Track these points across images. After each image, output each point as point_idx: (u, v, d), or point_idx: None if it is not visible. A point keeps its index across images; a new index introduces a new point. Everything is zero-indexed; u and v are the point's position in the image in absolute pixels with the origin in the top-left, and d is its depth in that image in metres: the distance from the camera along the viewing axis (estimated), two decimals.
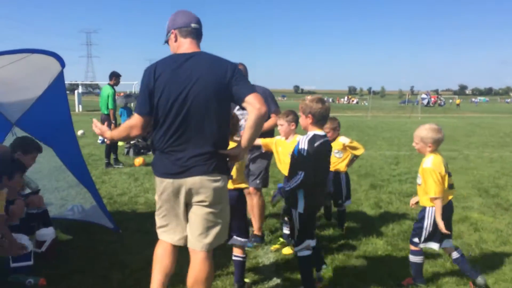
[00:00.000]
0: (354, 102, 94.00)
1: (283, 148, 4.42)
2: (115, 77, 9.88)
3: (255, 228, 5.00)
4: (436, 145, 3.77)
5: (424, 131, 3.78)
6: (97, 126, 3.06)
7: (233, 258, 3.74)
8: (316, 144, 3.44)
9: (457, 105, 67.80)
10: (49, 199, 5.73)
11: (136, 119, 2.91)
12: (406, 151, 13.28)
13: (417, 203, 4.07)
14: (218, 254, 3.78)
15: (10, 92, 4.95)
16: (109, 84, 9.96)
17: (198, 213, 2.90)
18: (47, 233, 4.48)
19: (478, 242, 5.08)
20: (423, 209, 3.85)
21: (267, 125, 4.40)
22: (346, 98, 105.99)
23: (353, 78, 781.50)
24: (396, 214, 6.26)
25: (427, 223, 3.80)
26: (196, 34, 2.96)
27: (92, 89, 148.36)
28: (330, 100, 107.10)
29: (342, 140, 5.27)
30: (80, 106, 38.96)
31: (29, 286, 3.82)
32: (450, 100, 78.63)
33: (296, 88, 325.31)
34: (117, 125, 9.62)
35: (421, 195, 3.87)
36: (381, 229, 5.54)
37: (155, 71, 2.84)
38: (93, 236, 5.18)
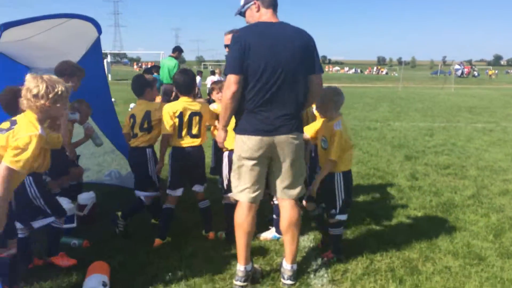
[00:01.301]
0: (384, 72, 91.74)
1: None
2: (178, 51, 10.93)
3: None
4: (337, 106, 3.72)
5: (323, 94, 3.66)
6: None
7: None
8: None
9: (490, 76, 65.44)
10: (86, 164, 5.83)
11: (231, 78, 3.04)
12: (441, 123, 12.93)
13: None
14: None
15: (49, 57, 4.97)
16: (171, 55, 10.90)
17: (284, 168, 3.24)
18: (89, 197, 4.58)
19: None
20: (331, 175, 3.69)
21: None
22: (375, 68, 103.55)
23: (382, 48, 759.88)
24: (433, 185, 6.11)
25: (339, 191, 3.69)
26: (275, 6, 3.25)
27: (120, 58, 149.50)
28: (359, 71, 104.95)
29: None
30: (109, 75, 39.46)
31: (73, 248, 3.94)
32: (486, 71, 75.51)
33: (324, 58, 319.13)
34: None
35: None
36: (418, 200, 5.43)
37: (246, 37, 3.06)
38: (131, 201, 5.26)
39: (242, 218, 3.29)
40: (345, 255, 3.81)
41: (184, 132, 3.97)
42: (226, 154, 4.09)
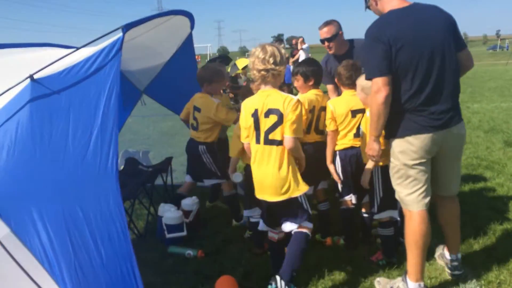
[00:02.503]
0: None
1: None
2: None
3: None
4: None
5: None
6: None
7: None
8: None
9: None
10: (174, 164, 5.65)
11: (379, 81, 2.69)
12: None
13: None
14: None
15: (140, 59, 4.81)
16: None
17: (455, 161, 3.02)
18: (193, 203, 4.37)
19: None
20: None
21: None
22: None
23: None
24: None
25: (377, 187, 3.41)
26: None
27: None
28: None
29: None
30: None
31: (188, 258, 3.74)
32: None
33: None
34: None
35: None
36: None
37: (385, 31, 2.72)
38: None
39: (424, 231, 2.88)
40: (490, 262, 3.38)
41: (312, 128, 3.67)
42: (337, 153, 3.73)
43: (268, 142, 2.89)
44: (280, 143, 2.87)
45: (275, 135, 2.86)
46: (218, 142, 4.42)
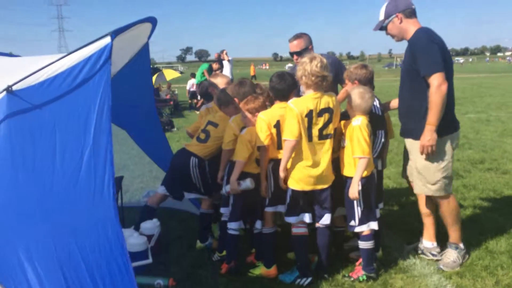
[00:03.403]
0: None
1: None
2: (217, 62, 13.26)
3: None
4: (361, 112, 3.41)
5: (354, 96, 3.39)
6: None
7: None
8: None
9: None
10: (126, 185, 5.22)
11: (441, 76, 3.20)
12: None
13: None
14: None
15: None
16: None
17: None
18: (154, 226, 4.03)
19: None
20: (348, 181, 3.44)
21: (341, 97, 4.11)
22: None
23: (332, 43, 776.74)
24: (484, 183, 5.94)
25: (359, 199, 3.39)
26: (415, 13, 3.51)
27: None
28: None
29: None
30: None
31: None
32: None
33: (275, 55, 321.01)
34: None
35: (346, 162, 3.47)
36: (483, 200, 5.25)
37: (435, 37, 3.35)
38: (184, 224, 4.76)
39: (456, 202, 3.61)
40: (463, 269, 3.53)
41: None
42: None
43: (323, 137, 3.31)
44: (331, 136, 3.35)
45: (328, 130, 3.32)
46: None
